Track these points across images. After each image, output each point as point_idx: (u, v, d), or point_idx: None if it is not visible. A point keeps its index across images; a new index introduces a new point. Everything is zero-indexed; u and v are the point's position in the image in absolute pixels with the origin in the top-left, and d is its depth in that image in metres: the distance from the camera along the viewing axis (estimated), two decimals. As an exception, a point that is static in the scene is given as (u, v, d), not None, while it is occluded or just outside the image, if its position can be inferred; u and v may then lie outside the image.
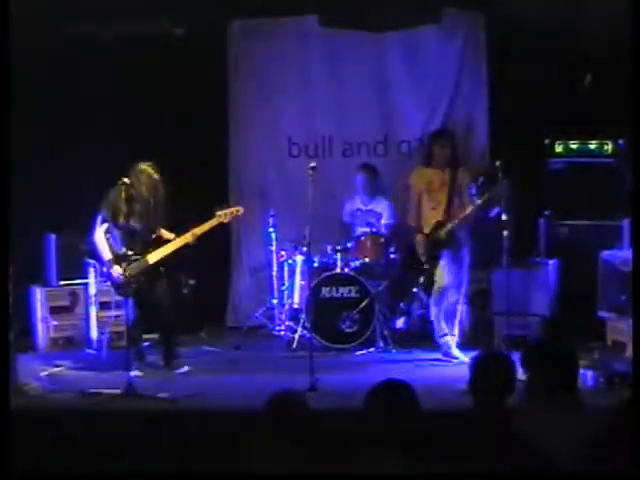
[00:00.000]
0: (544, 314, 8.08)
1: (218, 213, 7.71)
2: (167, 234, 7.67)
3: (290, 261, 8.83)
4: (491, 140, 9.05)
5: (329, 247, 8.63)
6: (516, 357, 4.28)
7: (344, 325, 8.32)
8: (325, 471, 3.49)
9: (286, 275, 8.87)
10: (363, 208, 8.89)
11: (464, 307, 8.10)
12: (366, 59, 9.27)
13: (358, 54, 9.26)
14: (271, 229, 8.90)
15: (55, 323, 8.55)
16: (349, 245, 8.62)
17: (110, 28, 8.80)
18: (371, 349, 8.23)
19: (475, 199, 7.68)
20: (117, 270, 7.36)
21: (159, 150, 7.70)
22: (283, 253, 8.88)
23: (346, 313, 8.30)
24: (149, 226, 7.57)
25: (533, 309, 8.09)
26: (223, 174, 9.55)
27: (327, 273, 8.49)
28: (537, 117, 8.49)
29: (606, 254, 7.71)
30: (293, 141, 9.47)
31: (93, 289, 8.48)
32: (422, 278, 8.01)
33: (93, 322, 8.48)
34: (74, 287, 8.62)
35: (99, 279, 8.33)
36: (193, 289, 8.82)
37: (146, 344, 7.86)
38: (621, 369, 6.64)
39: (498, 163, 7.42)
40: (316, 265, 8.57)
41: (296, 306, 8.75)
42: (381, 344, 8.26)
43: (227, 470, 3.63)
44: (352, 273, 8.45)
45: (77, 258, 8.52)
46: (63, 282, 8.61)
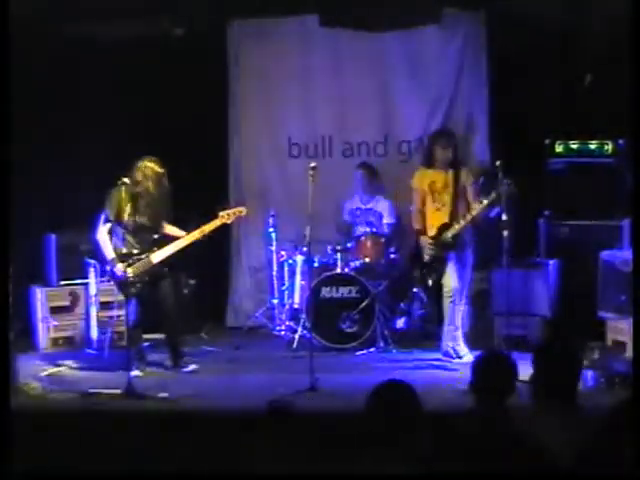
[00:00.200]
0: (544, 314, 8.08)
1: (221, 214, 7.69)
2: (175, 230, 7.63)
3: (290, 261, 8.83)
4: (491, 140, 9.05)
5: (329, 247, 8.63)
6: (516, 357, 4.29)
7: (344, 325, 8.31)
8: (325, 471, 3.49)
9: (286, 275, 8.88)
10: (362, 207, 8.89)
11: (465, 307, 8.09)
12: (366, 59, 9.26)
13: (358, 54, 9.25)
14: (271, 229, 8.91)
15: (55, 323, 8.54)
16: (349, 245, 8.62)
17: (110, 28, 8.81)
18: (371, 349, 8.23)
19: (481, 199, 7.58)
20: (121, 269, 7.34)
21: (159, 150, 7.68)
22: (283, 253, 8.88)
23: (346, 313, 8.30)
24: (154, 223, 7.53)
25: (533, 309, 8.09)
26: (223, 174, 9.56)
27: (327, 273, 8.48)
28: (537, 117, 8.50)
29: (606, 254, 7.71)
30: (293, 141, 9.47)
31: (93, 289, 8.48)
32: (430, 281, 7.92)
33: (93, 322, 8.48)
34: (74, 287, 8.62)
35: (99, 279, 8.33)
36: (193, 289, 8.83)
37: (146, 344, 7.85)
38: (621, 369, 6.65)
39: (498, 163, 7.42)
40: (316, 265, 8.57)
41: (296, 306, 8.75)
42: (381, 344, 8.26)
43: (227, 470, 3.63)
44: (352, 273, 8.44)
45: (77, 258, 8.53)
46: (63, 282, 8.61)
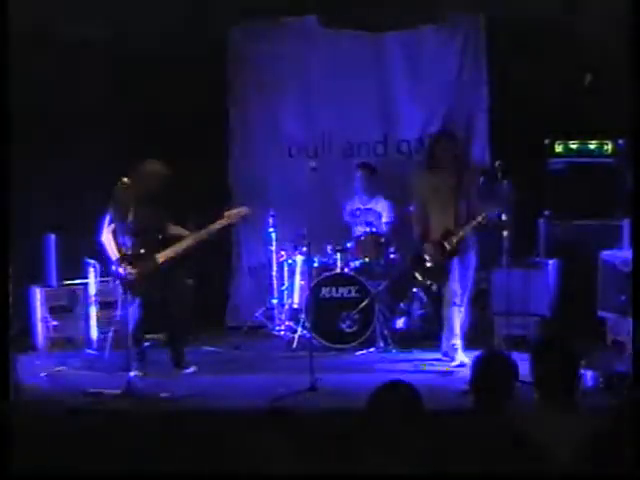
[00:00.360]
0: (544, 314, 8.08)
1: (227, 213, 7.68)
2: (180, 230, 7.62)
3: (290, 261, 8.83)
4: (491, 140, 9.05)
5: (329, 247, 8.63)
6: (516, 357, 4.29)
7: (344, 325, 8.32)
8: (326, 471, 3.49)
9: (286, 275, 8.87)
10: (362, 207, 8.89)
11: (464, 309, 8.08)
12: (366, 59, 9.26)
13: (358, 54, 9.25)
14: (271, 229, 8.91)
15: (55, 323, 8.54)
16: (349, 245, 8.62)
17: (110, 28, 8.80)
18: (371, 349, 8.23)
19: (485, 203, 7.47)
20: (127, 270, 7.32)
21: (159, 150, 7.68)
22: (283, 253, 8.88)
23: (346, 313, 8.30)
24: (159, 224, 7.53)
25: (533, 309, 8.08)
26: (223, 174, 9.55)
27: (327, 273, 8.49)
28: (537, 117, 8.50)
29: (606, 254, 7.71)
30: (293, 141, 9.47)
31: (93, 289, 8.48)
32: (434, 287, 7.88)
33: (93, 322, 8.48)
34: (74, 287, 8.62)
35: (99, 279, 8.34)
36: (193, 289, 8.82)
37: (147, 344, 7.85)
38: (621, 369, 6.64)
39: (498, 163, 7.41)
40: (316, 265, 8.56)
41: (296, 306, 8.75)
42: (381, 344, 8.26)
43: (227, 470, 3.62)
44: (352, 273, 8.44)
45: (77, 258, 8.53)
46: (63, 282, 8.61)
